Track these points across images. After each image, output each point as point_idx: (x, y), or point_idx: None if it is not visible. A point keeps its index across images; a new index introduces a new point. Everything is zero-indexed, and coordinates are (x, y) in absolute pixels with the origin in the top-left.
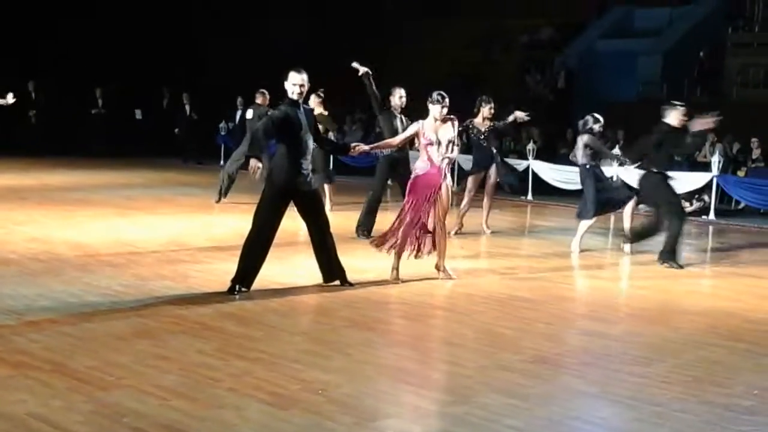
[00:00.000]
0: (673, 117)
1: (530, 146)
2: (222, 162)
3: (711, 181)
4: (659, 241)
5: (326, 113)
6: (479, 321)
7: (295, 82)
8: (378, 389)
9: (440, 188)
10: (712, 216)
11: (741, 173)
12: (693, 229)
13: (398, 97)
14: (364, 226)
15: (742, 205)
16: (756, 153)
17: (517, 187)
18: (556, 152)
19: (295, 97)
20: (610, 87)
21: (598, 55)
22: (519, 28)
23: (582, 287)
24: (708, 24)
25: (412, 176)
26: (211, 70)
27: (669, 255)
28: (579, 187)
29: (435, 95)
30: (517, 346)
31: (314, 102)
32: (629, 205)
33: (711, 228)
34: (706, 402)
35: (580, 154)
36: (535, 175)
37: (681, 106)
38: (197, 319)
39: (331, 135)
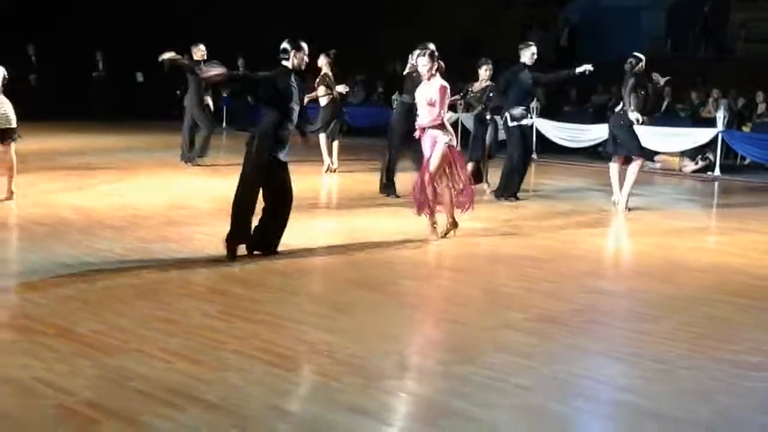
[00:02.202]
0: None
1: (534, 104)
2: (224, 124)
3: (716, 136)
4: (663, 198)
5: (331, 74)
6: (484, 281)
7: (304, 53)
8: (384, 350)
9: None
10: (717, 172)
11: (746, 128)
12: (698, 185)
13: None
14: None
15: (747, 161)
16: (761, 108)
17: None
18: (559, 110)
19: (290, 65)
20: (614, 43)
21: (601, 11)
22: None
23: (587, 245)
24: None
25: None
26: (210, 32)
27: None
28: (583, 144)
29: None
30: (523, 305)
31: (323, 62)
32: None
33: (716, 184)
34: (712, 358)
35: (629, 98)
36: (539, 133)
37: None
38: (201, 281)
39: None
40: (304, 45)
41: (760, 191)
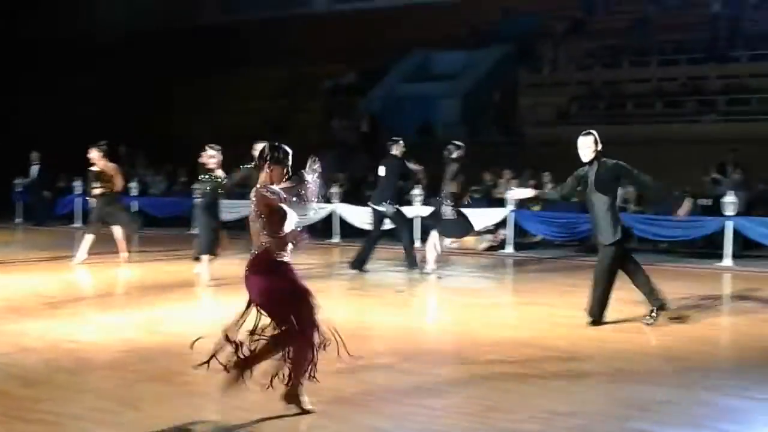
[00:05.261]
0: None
1: (335, 190)
2: (22, 219)
3: (507, 216)
4: (459, 276)
5: (109, 166)
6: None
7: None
8: None
9: None
10: (510, 249)
11: (536, 207)
12: (492, 262)
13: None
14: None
15: (538, 238)
16: (548, 188)
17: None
18: (361, 195)
19: None
20: (413, 130)
21: (400, 99)
22: (323, 74)
23: (382, 325)
24: (502, 66)
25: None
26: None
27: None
28: (385, 227)
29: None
30: (315, 387)
31: (96, 155)
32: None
33: (509, 261)
34: (497, 429)
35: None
36: (341, 218)
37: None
38: None
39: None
40: None
41: (549, 266)
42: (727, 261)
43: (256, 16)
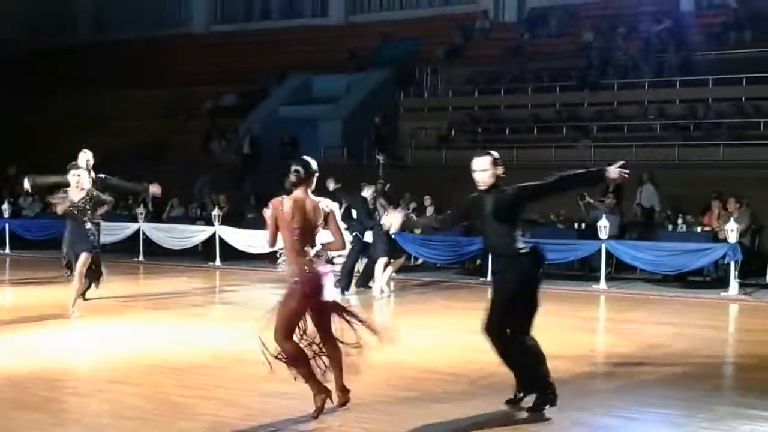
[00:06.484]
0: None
1: (215, 212)
2: None
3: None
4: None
5: None
6: (156, 391)
7: None
8: None
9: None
10: (392, 273)
11: (417, 231)
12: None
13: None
14: None
15: (420, 261)
16: (429, 210)
17: None
18: (243, 217)
19: None
20: (295, 151)
21: (280, 120)
22: (203, 96)
23: (258, 350)
24: (382, 90)
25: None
26: None
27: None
28: (264, 251)
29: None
30: (195, 413)
31: None
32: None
33: (392, 284)
34: None
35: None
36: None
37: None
38: None
39: None
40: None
41: (431, 289)
42: (602, 283)
43: (134, 35)
